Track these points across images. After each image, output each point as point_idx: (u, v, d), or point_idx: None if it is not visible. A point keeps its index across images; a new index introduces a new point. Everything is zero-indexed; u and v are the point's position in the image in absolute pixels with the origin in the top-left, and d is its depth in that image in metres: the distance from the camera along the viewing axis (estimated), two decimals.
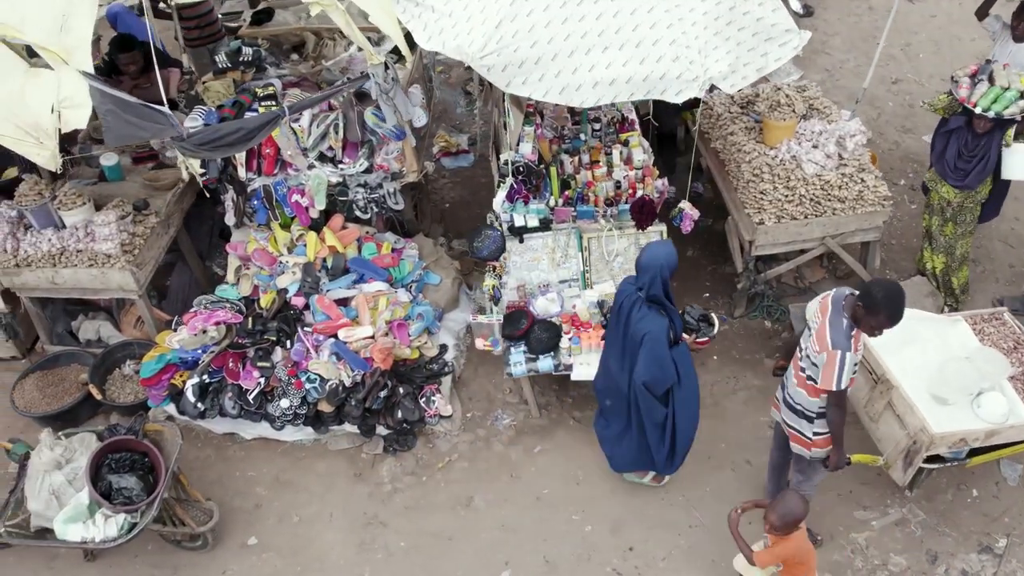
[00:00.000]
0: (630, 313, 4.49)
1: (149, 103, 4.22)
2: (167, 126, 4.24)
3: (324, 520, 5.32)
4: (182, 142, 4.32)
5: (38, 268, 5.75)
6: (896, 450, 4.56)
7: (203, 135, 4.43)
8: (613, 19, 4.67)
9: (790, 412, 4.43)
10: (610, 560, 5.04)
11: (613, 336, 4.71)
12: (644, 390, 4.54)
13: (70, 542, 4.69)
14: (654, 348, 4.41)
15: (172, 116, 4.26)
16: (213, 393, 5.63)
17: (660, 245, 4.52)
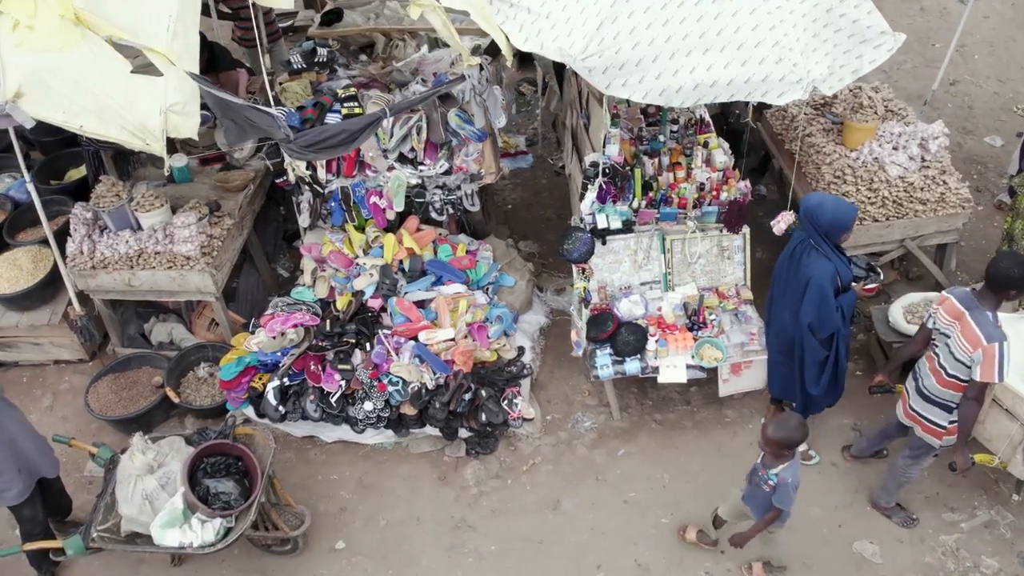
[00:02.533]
0: (800, 257, 4.70)
1: (258, 105, 4.17)
2: (276, 127, 4.20)
3: (411, 524, 5.29)
4: (289, 144, 4.29)
5: (115, 270, 5.71)
6: (1011, 445, 4.56)
7: (309, 137, 4.40)
8: (714, 21, 4.65)
9: (925, 403, 4.50)
10: (703, 563, 5.03)
11: (781, 278, 4.93)
12: (808, 331, 4.73)
13: (168, 547, 4.64)
14: (819, 292, 4.61)
15: (280, 118, 4.23)
16: (294, 396, 5.59)
17: (839, 203, 4.66)
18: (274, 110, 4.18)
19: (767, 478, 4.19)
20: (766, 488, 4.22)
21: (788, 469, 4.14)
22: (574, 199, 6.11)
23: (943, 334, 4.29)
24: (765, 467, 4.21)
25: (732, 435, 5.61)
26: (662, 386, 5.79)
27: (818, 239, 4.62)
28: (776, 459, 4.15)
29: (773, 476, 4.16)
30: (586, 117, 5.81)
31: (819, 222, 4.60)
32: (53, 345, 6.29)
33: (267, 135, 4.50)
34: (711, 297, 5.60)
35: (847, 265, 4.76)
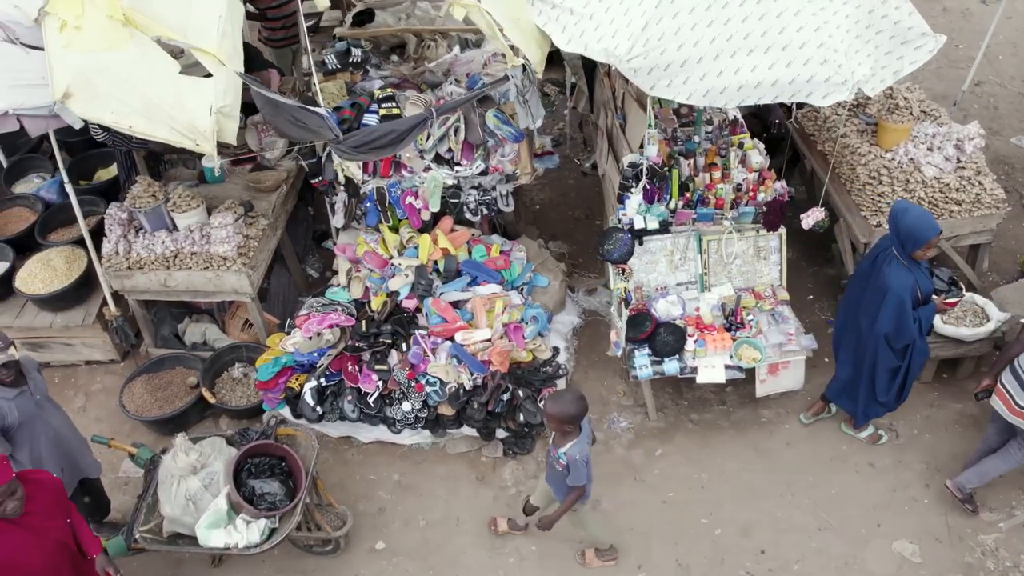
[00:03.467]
0: (882, 266, 4.71)
1: (307, 106, 4.18)
2: (325, 128, 4.21)
3: (451, 524, 5.29)
4: (339, 144, 4.29)
5: (150, 271, 5.70)
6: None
7: (358, 138, 4.41)
8: (759, 22, 4.66)
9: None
10: (743, 563, 5.04)
11: (860, 283, 4.95)
12: (884, 340, 4.75)
13: (214, 548, 4.64)
14: (897, 303, 4.64)
15: (329, 118, 4.23)
16: (331, 396, 5.60)
17: (923, 216, 4.62)
18: (323, 111, 4.17)
19: (558, 457, 4.26)
20: (559, 468, 4.29)
21: (576, 446, 4.20)
22: (608, 200, 6.13)
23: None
24: (555, 447, 4.27)
25: (769, 435, 5.62)
26: (697, 386, 5.80)
27: (899, 247, 4.62)
28: (563, 437, 4.21)
29: (562, 455, 4.23)
30: (622, 118, 5.82)
31: (898, 228, 4.60)
32: (85, 345, 6.29)
33: (316, 136, 4.50)
34: (748, 297, 5.61)
35: (928, 277, 4.77)
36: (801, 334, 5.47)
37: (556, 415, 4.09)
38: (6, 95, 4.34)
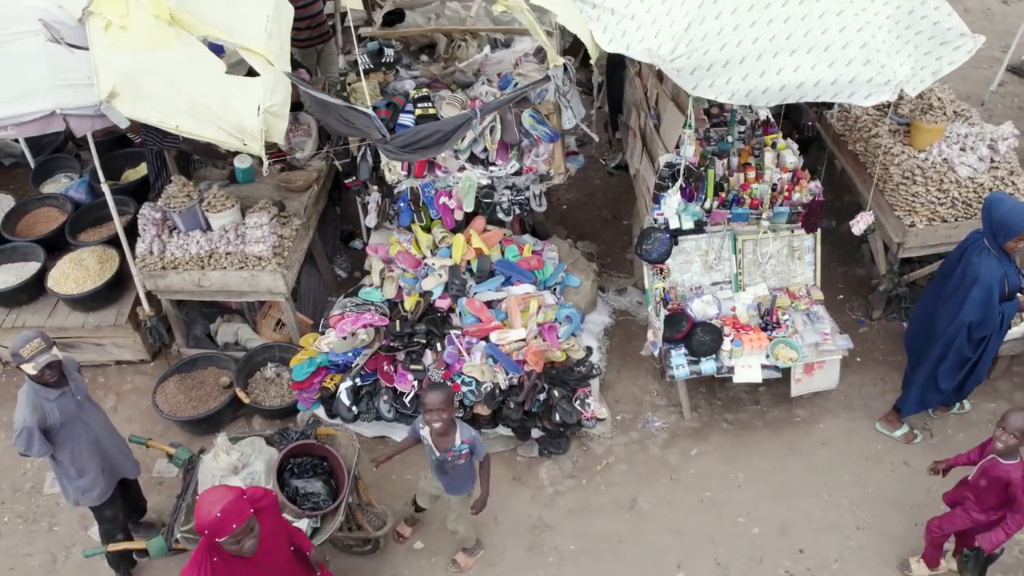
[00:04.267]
0: (971, 256, 4.75)
1: (355, 106, 4.18)
2: (372, 128, 4.21)
3: (489, 524, 5.30)
4: (386, 144, 4.29)
5: (185, 270, 5.70)
6: None
7: (405, 137, 4.41)
8: (801, 22, 4.67)
9: None
10: (782, 562, 5.05)
11: (945, 272, 4.98)
12: (965, 329, 4.79)
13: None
14: (986, 292, 4.67)
15: (376, 118, 4.24)
16: (366, 396, 5.59)
17: (1018, 206, 4.64)
18: (370, 111, 4.18)
19: (459, 450, 4.39)
20: (462, 460, 4.44)
21: (463, 429, 4.41)
22: (641, 199, 6.13)
23: None
24: (445, 447, 4.39)
25: (803, 434, 5.63)
26: (731, 386, 5.82)
27: (991, 238, 4.66)
28: (447, 430, 4.34)
29: (462, 446, 4.38)
30: (656, 117, 5.83)
31: (991, 218, 4.64)
32: (115, 346, 6.28)
33: (364, 135, 4.49)
34: (782, 297, 5.62)
35: (1017, 273, 4.80)
36: (836, 334, 5.48)
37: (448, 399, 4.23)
38: (53, 95, 4.33)
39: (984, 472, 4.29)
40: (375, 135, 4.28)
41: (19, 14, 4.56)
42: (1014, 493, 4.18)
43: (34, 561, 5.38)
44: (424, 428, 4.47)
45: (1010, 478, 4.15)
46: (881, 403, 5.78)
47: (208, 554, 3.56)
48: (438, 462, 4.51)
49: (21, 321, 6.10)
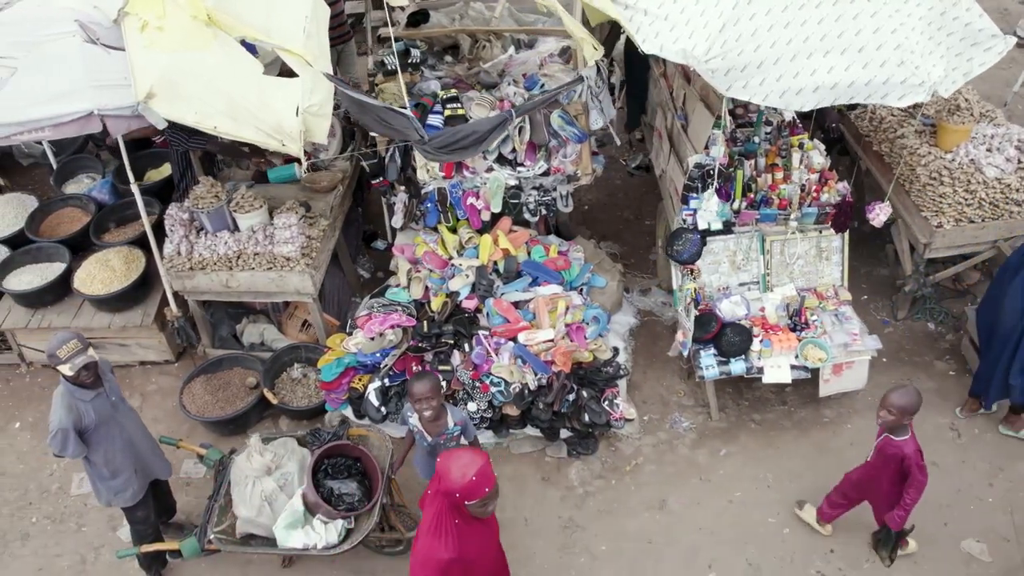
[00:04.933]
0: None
1: (393, 107, 4.18)
2: (411, 129, 4.21)
3: (520, 524, 5.30)
4: (424, 145, 4.29)
5: (212, 271, 5.70)
6: None
7: (442, 138, 4.42)
8: (835, 23, 4.68)
9: None
10: (813, 562, 5.05)
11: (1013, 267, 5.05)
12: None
13: (292, 549, 4.64)
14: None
15: (415, 119, 4.24)
16: (395, 397, 5.60)
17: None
18: (409, 112, 4.18)
19: (452, 433, 4.46)
20: (453, 443, 4.50)
21: (453, 411, 4.51)
22: (668, 200, 6.14)
23: None
24: (436, 431, 4.45)
25: (832, 435, 5.64)
26: (758, 386, 5.83)
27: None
28: (438, 416, 4.41)
29: (454, 428, 4.46)
30: (683, 118, 5.83)
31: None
32: (140, 346, 6.28)
33: (402, 136, 4.50)
34: (811, 298, 5.63)
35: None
36: (865, 334, 5.49)
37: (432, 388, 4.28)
38: (90, 96, 4.32)
39: (880, 450, 4.46)
40: (413, 136, 4.28)
41: (55, 15, 4.55)
42: (908, 467, 4.35)
43: (64, 562, 5.38)
44: (412, 416, 4.52)
45: (903, 453, 4.33)
46: None
47: (451, 516, 3.55)
48: (430, 447, 4.55)
49: (47, 322, 6.09)
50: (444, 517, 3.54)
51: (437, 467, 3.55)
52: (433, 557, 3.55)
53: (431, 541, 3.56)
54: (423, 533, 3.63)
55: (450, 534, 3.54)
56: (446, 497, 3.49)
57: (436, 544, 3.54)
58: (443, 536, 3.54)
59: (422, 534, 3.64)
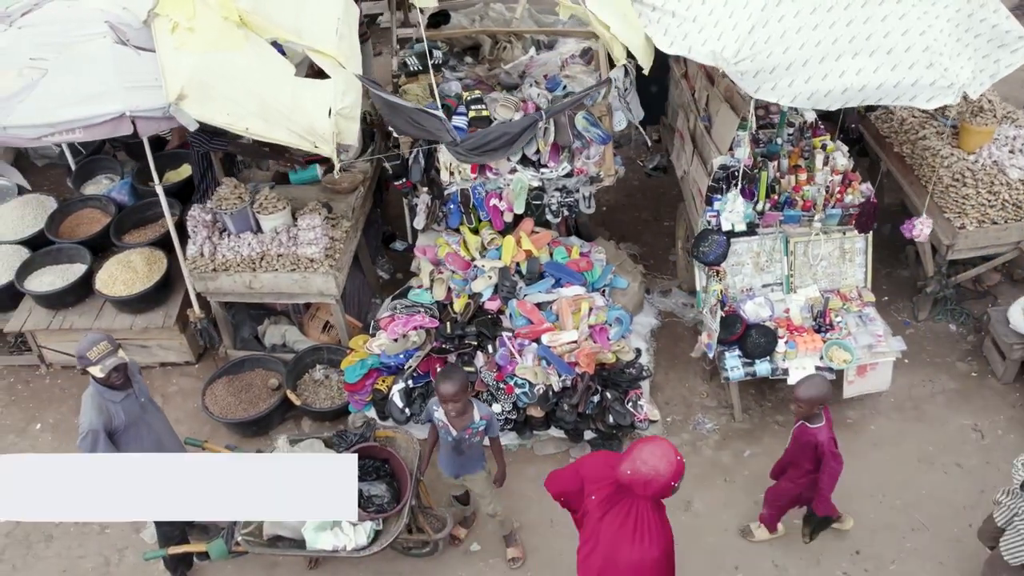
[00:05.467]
0: None
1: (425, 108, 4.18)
2: (443, 130, 4.21)
3: (545, 526, 5.30)
4: (455, 146, 4.29)
5: (236, 272, 5.69)
6: None
7: (473, 140, 4.42)
8: (863, 25, 4.69)
9: None
10: (839, 563, 5.06)
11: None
12: None
13: (321, 551, 4.63)
14: None
15: (447, 121, 4.24)
16: (419, 398, 5.59)
17: None
18: (440, 113, 4.18)
19: (476, 427, 4.50)
20: (477, 438, 4.56)
21: (479, 407, 4.54)
22: (690, 201, 6.14)
23: None
24: (461, 427, 4.48)
25: (855, 436, 5.64)
26: (780, 387, 5.84)
27: None
28: (464, 411, 4.43)
29: (479, 423, 4.50)
30: (707, 119, 5.83)
31: None
32: (161, 347, 6.28)
33: (434, 137, 4.49)
34: (834, 299, 5.63)
35: None
36: (889, 335, 5.50)
37: (461, 387, 4.29)
38: (122, 97, 4.32)
39: (796, 438, 4.57)
40: (445, 137, 4.28)
41: (85, 16, 4.55)
42: (822, 453, 4.47)
43: (87, 564, 5.37)
44: (438, 411, 4.54)
45: (817, 439, 4.44)
46: (931, 405, 5.80)
47: (652, 512, 3.53)
48: (455, 442, 4.57)
49: (68, 323, 6.09)
50: (643, 515, 3.50)
51: (631, 471, 3.40)
52: (648, 558, 3.50)
53: (637, 543, 3.49)
54: (623, 540, 3.52)
55: (654, 530, 3.51)
56: (646, 493, 3.42)
57: (645, 545, 3.49)
58: (647, 534, 3.50)
59: (622, 541, 3.52)
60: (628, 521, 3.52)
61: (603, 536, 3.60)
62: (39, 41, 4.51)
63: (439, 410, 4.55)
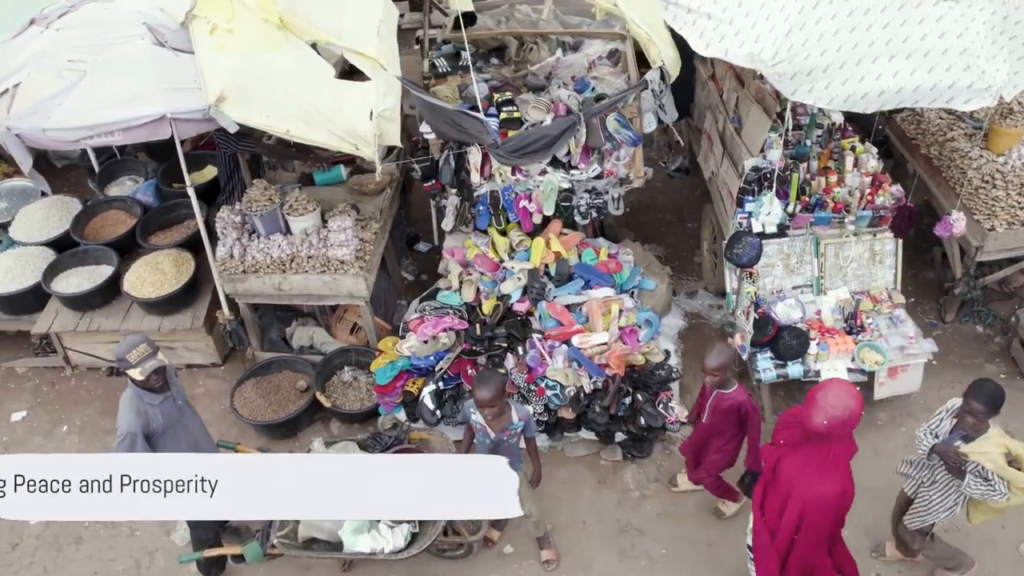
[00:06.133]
0: None
1: (467, 110, 4.17)
2: (484, 132, 4.20)
3: (577, 527, 5.30)
4: (496, 149, 4.29)
5: (265, 274, 5.68)
6: None
7: (514, 142, 4.41)
8: (900, 28, 4.69)
9: None
10: (873, 565, 5.06)
11: None
12: None
13: (359, 553, 4.63)
14: None
15: (488, 123, 4.24)
16: (450, 400, 5.59)
17: None
18: (482, 116, 4.17)
19: (515, 428, 4.53)
20: (515, 439, 4.61)
21: (517, 408, 4.55)
22: (719, 203, 6.13)
23: None
24: (499, 428, 4.50)
25: (887, 437, 5.65)
26: (807, 388, 5.81)
27: None
28: (501, 412, 4.45)
29: (517, 424, 4.53)
30: (737, 121, 5.83)
31: None
32: (187, 349, 6.27)
33: (474, 139, 4.48)
34: (865, 301, 5.64)
35: None
36: (921, 337, 5.50)
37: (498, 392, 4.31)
38: (162, 99, 4.31)
39: (715, 409, 4.70)
40: (486, 139, 4.27)
41: (123, 18, 4.54)
42: (745, 412, 4.64)
43: (118, 566, 5.36)
44: (476, 413, 4.54)
45: (737, 401, 4.62)
46: None
47: (839, 453, 3.88)
48: (493, 444, 4.57)
49: (95, 325, 6.08)
50: (832, 457, 3.85)
51: (828, 419, 3.67)
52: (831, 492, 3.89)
53: (832, 482, 3.87)
54: (815, 480, 3.87)
55: (840, 468, 3.89)
56: (846, 432, 3.80)
57: (840, 482, 3.90)
58: (836, 472, 3.89)
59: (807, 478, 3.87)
60: (822, 461, 3.86)
61: (785, 474, 4.02)
62: (77, 43, 4.50)
63: (476, 412, 4.55)
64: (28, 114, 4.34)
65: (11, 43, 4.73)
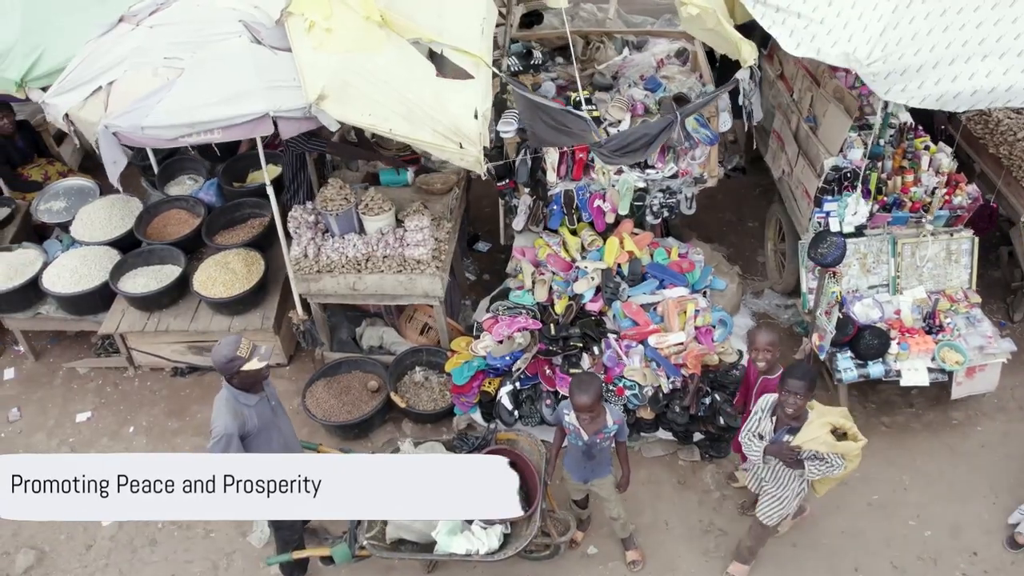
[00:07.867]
0: None
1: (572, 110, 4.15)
2: (588, 132, 4.18)
3: (660, 528, 5.28)
4: (600, 148, 4.27)
5: (340, 274, 5.64)
6: None
7: (616, 142, 4.39)
8: (994, 27, 4.67)
9: None
10: (957, 564, 5.06)
11: None
12: None
13: (454, 555, 4.60)
14: None
15: (592, 122, 4.21)
16: (527, 400, 5.57)
17: None
18: (586, 115, 4.15)
19: (609, 432, 4.50)
20: (608, 442, 4.57)
21: (612, 411, 4.53)
22: (791, 203, 6.12)
23: None
24: (594, 432, 4.46)
25: (963, 437, 5.65)
26: (882, 388, 5.84)
27: None
28: (596, 417, 4.43)
29: (611, 427, 4.50)
30: (812, 120, 5.82)
31: None
32: None
33: (578, 139, 4.47)
34: (942, 301, 5.64)
35: None
36: (999, 337, 5.51)
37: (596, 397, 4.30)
38: (264, 97, 4.27)
39: (761, 394, 4.61)
40: (591, 139, 4.25)
41: (217, 16, 4.50)
42: None
43: (195, 568, 5.32)
44: (570, 414, 4.51)
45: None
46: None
47: None
48: (586, 446, 4.55)
49: (164, 325, 6.03)
50: None
51: None
52: None
53: None
54: None
55: None
56: None
57: None
58: None
59: None
60: None
61: None
62: (172, 40, 4.45)
63: (571, 414, 4.52)
64: (126, 112, 4.29)
65: (100, 40, 4.67)
